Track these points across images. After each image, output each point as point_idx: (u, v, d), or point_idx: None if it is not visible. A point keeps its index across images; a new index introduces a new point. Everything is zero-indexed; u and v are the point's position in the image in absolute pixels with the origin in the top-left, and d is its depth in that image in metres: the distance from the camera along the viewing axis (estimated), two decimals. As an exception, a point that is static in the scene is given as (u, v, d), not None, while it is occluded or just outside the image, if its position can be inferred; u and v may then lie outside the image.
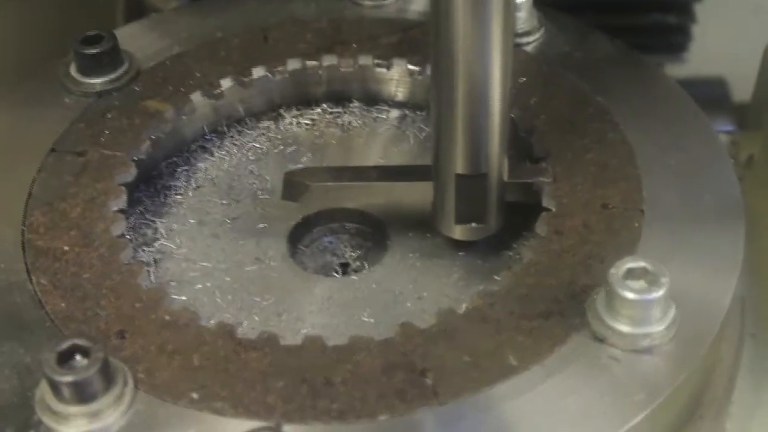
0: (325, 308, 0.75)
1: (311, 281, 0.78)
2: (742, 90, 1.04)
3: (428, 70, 0.86)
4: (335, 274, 0.80)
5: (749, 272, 0.82)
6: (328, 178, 0.79)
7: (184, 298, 0.74)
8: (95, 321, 0.68)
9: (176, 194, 0.84)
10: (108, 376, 0.62)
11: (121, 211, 0.76)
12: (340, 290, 0.77)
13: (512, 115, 0.79)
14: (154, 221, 0.81)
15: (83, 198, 0.76)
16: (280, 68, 0.87)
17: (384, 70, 0.88)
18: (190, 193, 0.84)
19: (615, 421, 0.62)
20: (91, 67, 0.84)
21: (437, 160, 0.75)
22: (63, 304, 0.69)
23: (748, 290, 0.80)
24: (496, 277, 0.76)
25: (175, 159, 0.86)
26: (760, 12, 1.17)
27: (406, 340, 0.66)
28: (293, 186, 0.78)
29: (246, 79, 0.86)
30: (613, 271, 0.65)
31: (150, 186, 0.83)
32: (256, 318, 0.74)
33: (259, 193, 0.84)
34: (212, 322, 0.69)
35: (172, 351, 0.66)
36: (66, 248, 0.73)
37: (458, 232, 0.78)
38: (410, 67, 0.87)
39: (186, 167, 0.86)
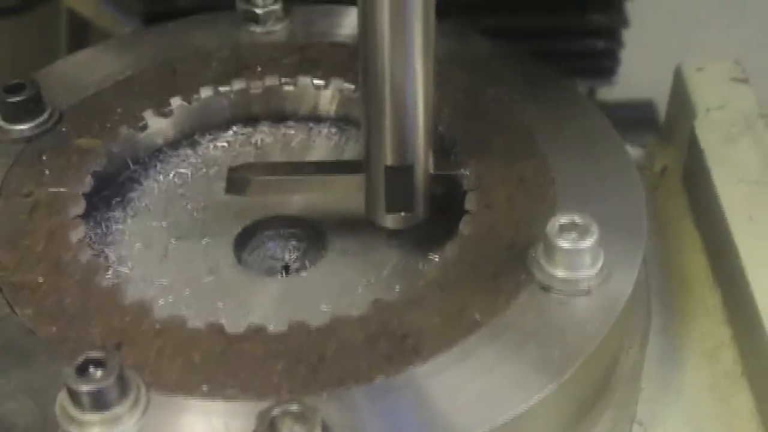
0: (285, 304, 0.82)
1: (266, 283, 0.84)
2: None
3: (332, 85, 0.95)
4: (280, 276, 0.87)
5: (660, 271, 0.93)
6: (268, 173, 0.85)
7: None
8: (90, 339, 0.72)
9: (116, 223, 0.88)
10: (124, 383, 0.67)
11: (82, 240, 0.81)
12: (294, 287, 0.83)
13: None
14: (103, 250, 0.85)
15: (43, 233, 0.80)
16: (195, 96, 0.93)
17: (291, 88, 0.95)
18: (129, 221, 0.89)
19: (574, 352, 0.72)
20: (16, 114, 0.88)
21: (368, 153, 0.82)
22: (54, 329, 0.73)
23: (658, 287, 0.91)
24: (432, 256, 0.85)
25: (106, 192, 0.90)
26: (684, 35, 1.25)
27: (381, 313, 0.74)
28: (236, 181, 0.85)
29: (166, 110, 0.92)
30: (548, 227, 0.75)
31: (89, 219, 0.87)
32: (224, 321, 0.80)
33: (195, 212, 0.90)
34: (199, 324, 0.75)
35: (171, 354, 0.71)
36: (40, 280, 0.77)
37: (389, 221, 0.85)
38: (315, 82, 0.95)
39: (119, 198, 0.90)
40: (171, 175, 0.93)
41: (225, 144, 0.96)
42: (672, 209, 1.00)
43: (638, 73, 1.13)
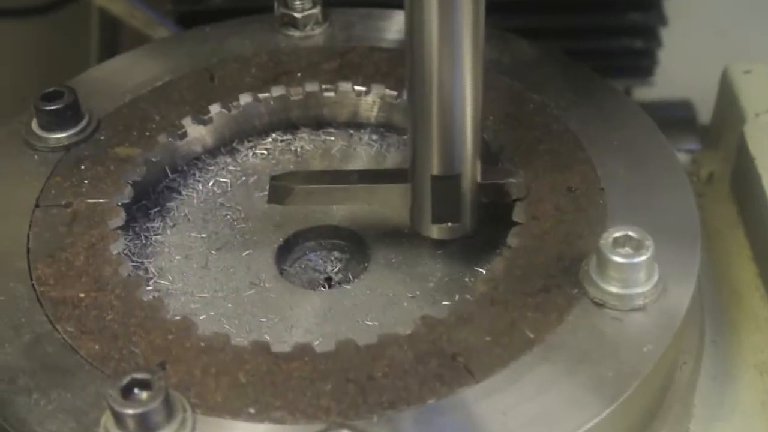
0: (329, 318, 0.80)
1: (308, 296, 0.82)
2: (709, 112, 1.08)
3: (373, 91, 0.93)
4: (322, 289, 0.85)
5: (709, 282, 0.90)
6: (311, 181, 0.83)
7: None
8: (132, 357, 0.71)
9: (156, 234, 0.87)
10: (169, 405, 0.65)
11: (122, 253, 0.79)
12: (338, 300, 0.82)
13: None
14: (142, 263, 0.84)
15: (83, 246, 0.79)
16: (234, 103, 0.91)
17: (331, 94, 0.93)
18: (169, 232, 0.87)
19: (631, 371, 0.69)
20: (54, 122, 0.87)
21: (414, 162, 0.80)
22: (96, 347, 0.72)
23: (708, 299, 0.88)
24: (478, 269, 0.83)
25: (144, 202, 0.88)
26: (724, 35, 1.20)
27: (430, 331, 0.72)
28: (278, 190, 0.83)
29: (205, 117, 0.90)
30: (602, 241, 0.73)
31: (128, 231, 0.86)
32: (267, 337, 0.78)
33: (235, 222, 0.88)
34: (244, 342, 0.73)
35: (216, 373, 0.70)
36: (81, 295, 0.75)
37: (435, 232, 0.83)
38: (357, 88, 0.93)
39: (157, 208, 0.89)
40: (210, 183, 0.91)
41: (264, 152, 0.94)
42: (720, 217, 0.97)
43: (676, 72, 1.11)
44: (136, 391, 0.65)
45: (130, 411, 0.64)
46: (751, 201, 0.95)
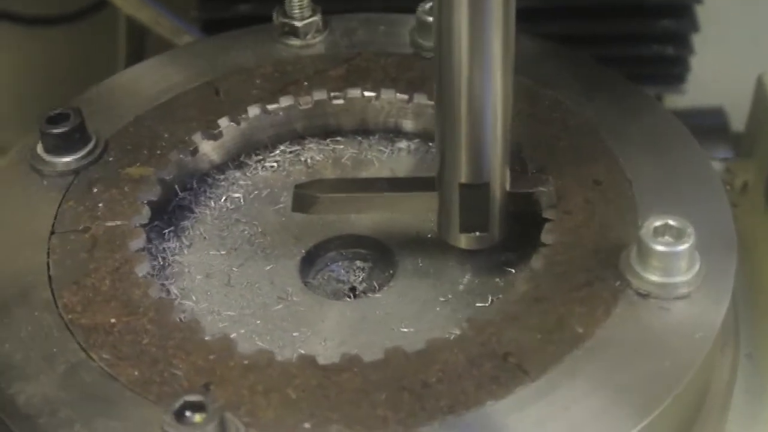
0: (363, 328, 0.78)
1: (339, 306, 0.81)
2: (741, 119, 1.06)
3: (383, 95, 0.91)
4: (349, 299, 0.83)
5: (744, 294, 0.88)
6: (336, 190, 0.82)
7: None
8: (175, 381, 0.69)
9: (173, 255, 0.84)
10: (224, 426, 0.63)
11: (149, 275, 0.77)
12: (369, 309, 0.80)
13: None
14: (164, 284, 0.81)
15: (107, 270, 0.76)
16: (243, 116, 0.89)
17: (341, 101, 0.91)
18: (186, 251, 0.85)
19: (688, 358, 0.69)
20: (61, 146, 0.84)
21: (441, 170, 0.79)
22: (136, 372, 0.69)
23: (743, 311, 0.86)
24: (508, 269, 0.82)
25: (157, 223, 0.86)
26: (757, 42, 1.18)
27: (478, 333, 0.71)
28: (303, 198, 0.81)
29: (215, 132, 0.88)
30: (643, 230, 0.72)
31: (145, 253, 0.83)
32: (302, 351, 0.76)
33: (253, 237, 0.86)
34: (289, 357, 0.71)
35: (264, 391, 0.68)
36: (113, 320, 0.73)
37: (463, 241, 0.81)
38: (366, 94, 0.91)
39: (171, 228, 0.86)
40: (222, 200, 0.89)
41: (274, 164, 0.92)
42: (755, 228, 0.94)
43: (708, 80, 1.09)
44: (188, 414, 0.63)
45: (187, 435, 0.61)
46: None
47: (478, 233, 0.80)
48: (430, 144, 0.93)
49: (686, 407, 0.72)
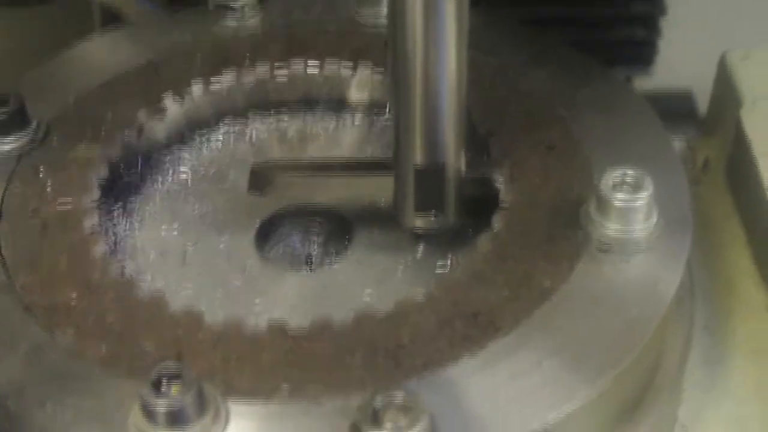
0: (326, 296, 0.78)
1: (300, 277, 0.80)
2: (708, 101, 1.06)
3: (326, 66, 0.91)
4: (306, 270, 0.82)
5: (704, 269, 0.89)
6: (292, 171, 0.81)
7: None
8: (144, 356, 0.67)
9: (124, 234, 0.83)
10: (202, 395, 0.62)
11: (106, 254, 0.75)
12: (330, 278, 0.79)
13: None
14: (118, 264, 0.80)
15: (62, 251, 0.74)
16: (186, 93, 0.88)
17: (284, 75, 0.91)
18: (137, 230, 0.84)
19: (653, 308, 0.70)
20: (1, 130, 0.82)
21: (397, 152, 0.78)
22: (103, 349, 0.68)
23: (701, 285, 0.87)
24: (468, 231, 0.82)
25: (104, 201, 0.84)
26: (723, 24, 1.17)
27: (447, 293, 0.71)
28: (259, 179, 0.80)
29: (160, 109, 0.87)
30: (602, 183, 0.73)
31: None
32: (266, 323, 0.75)
33: (204, 214, 0.85)
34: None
35: (237, 359, 0.67)
36: (73, 300, 0.71)
37: (418, 222, 0.81)
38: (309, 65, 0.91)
39: (119, 207, 0.85)
40: (170, 178, 0.88)
41: (219, 141, 0.91)
42: (715, 205, 0.95)
43: (676, 63, 1.09)
44: (164, 385, 0.61)
45: (164, 406, 0.60)
46: (746, 187, 0.94)
47: (433, 215, 0.80)
48: (376, 116, 0.93)
49: (650, 360, 0.73)
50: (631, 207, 0.73)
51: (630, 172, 0.73)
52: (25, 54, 0.91)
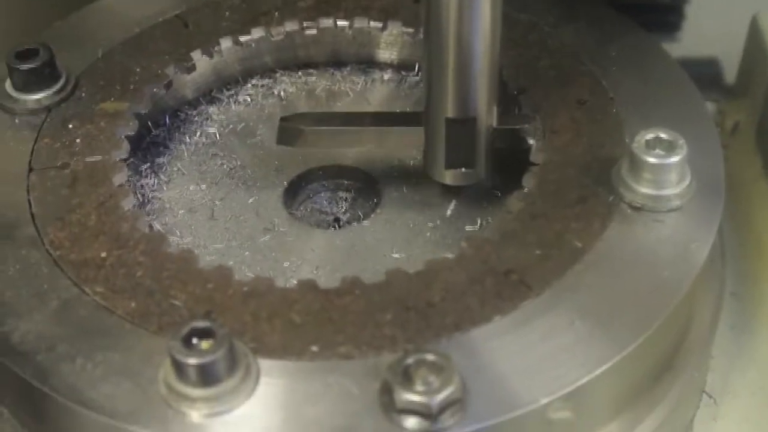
0: (354, 255, 0.78)
1: (328, 235, 0.80)
2: (735, 69, 1.03)
3: (356, 24, 0.90)
4: (334, 228, 0.82)
5: (732, 235, 0.87)
6: (322, 123, 0.80)
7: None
8: (175, 311, 0.67)
9: (152, 191, 0.83)
10: (233, 352, 0.62)
11: (135, 208, 0.75)
12: (358, 237, 0.79)
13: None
14: (147, 220, 0.79)
15: (91, 205, 0.74)
16: (215, 48, 0.87)
17: (313, 31, 0.90)
18: (165, 187, 0.83)
19: (685, 269, 0.69)
20: (31, 82, 0.81)
21: (428, 105, 0.77)
22: (133, 305, 0.67)
23: (730, 250, 0.85)
24: (496, 192, 0.81)
25: (132, 159, 0.84)
26: None
27: (477, 251, 0.70)
28: (288, 131, 0.80)
29: (189, 65, 0.86)
30: (635, 144, 0.72)
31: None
32: (294, 280, 0.75)
33: (232, 171, 0.85)
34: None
35: (268, 316, 0.67)
36: (103, 255, 0.71)
37: (448, 177, 0.80)
38: (340, 23, 0.90)
39: (147, 164, 0.84)
40: (198, 135, 0.87)
41: (247, 98, 0.90)
42: (745, 169, 0.93)
43: (703, 29, 1.07)
44: (195, 341, 0.61)
45: (196, 361, 0.60)
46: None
47: (463, 169, 0.79)
48: (404, 73, 0.92)
49: (681, 322, 0.72)
50: (665, 165, 0.72)
51: (664, 132, 0.72)
52: (49, 4, 0.90)
